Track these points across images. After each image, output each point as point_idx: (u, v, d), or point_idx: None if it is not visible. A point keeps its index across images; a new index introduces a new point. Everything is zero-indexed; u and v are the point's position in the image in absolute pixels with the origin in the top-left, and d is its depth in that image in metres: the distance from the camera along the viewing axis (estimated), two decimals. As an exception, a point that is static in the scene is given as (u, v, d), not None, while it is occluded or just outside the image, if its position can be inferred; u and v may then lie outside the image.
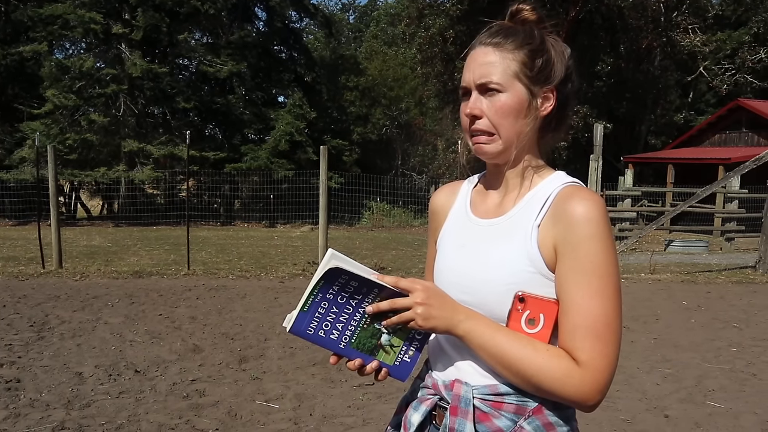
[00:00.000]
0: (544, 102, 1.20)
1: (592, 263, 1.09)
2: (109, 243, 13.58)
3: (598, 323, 1.08)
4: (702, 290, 8.83)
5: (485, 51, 1.19)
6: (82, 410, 3.89)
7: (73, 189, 22.62)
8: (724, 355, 5.48)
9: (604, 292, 1.09)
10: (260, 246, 13.50)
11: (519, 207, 1.20)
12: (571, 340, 1.09)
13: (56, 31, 19.71)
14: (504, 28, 1.22)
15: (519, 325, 1.13)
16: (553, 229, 1.13)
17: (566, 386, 1.07)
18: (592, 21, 24.51)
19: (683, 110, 31.27)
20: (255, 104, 23.09)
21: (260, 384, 4.47)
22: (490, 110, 1.17)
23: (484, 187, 1.31)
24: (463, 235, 1.27)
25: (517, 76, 1.17)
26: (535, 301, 1.13)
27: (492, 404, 1.15)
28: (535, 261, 1.13)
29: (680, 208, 11.18)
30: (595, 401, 1.09)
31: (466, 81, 1.20)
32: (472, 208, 1.30)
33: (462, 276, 1.21)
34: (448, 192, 1.39)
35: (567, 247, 1.10)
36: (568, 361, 1.08)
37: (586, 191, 1.14)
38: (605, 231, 1.10)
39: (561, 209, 1.13)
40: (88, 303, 7.00)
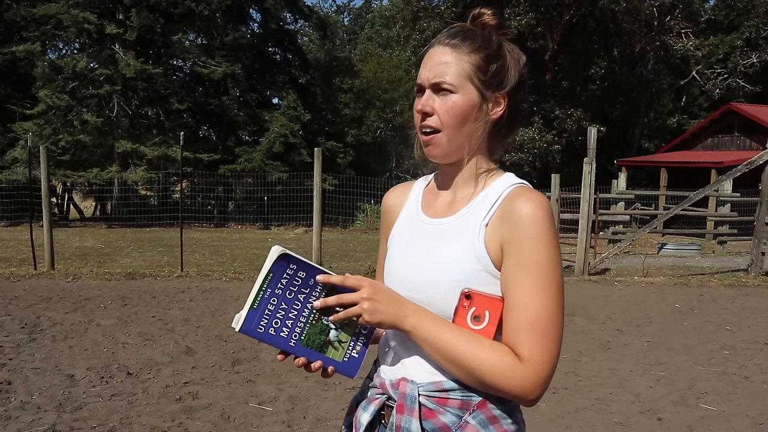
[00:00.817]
0: (494, 106, 1.22)
1: (536, 262, 1.12)
2: (101, 244, 13.52)
3: (541, 320, 1.11)
4: (695, 293, 8.86)
5: (443, 51, 1.21)
6: (74, 413, 3.86)
7: (66, 190, 22.49)
8: (717, 358, 5.50)
9: (546, 289, 1.12)
10: (254, 248, 13.47)
11: (469, 207, 1.23)
12: (514, 335, 1.12)
13: (49, 31, 19.60)
14: (463, 30, 1.24)
15: (465, 321, 1.16)
16: (500, 228, 1.16)
17: (508, 380, 1.10)
18: (586, 24, 24.61)
19: (676, 114, 31.43)
20: (249, 106, 23.03)
21: (253, 386, 4.45)
22: (441, 108, 1.20)
23: (437, 187, 1.34)
24: (413, 233, 1.30)
25: (471, 79, 1.19)
26: (481, 299, 1.16)
27: (437, 401, 1.17)
28: (482, 259, 1.16)
29: (673, 212, 11.21)
30: (536, 395, 1.12)
31: (421, 78, 1.23)
32: (423, 208, 1.33)
33: (410, 273, 1.24)
34: (400, 192, 1.42)
35: (512, 245, 1.14)
36: (511, 356, 1.11)
37: (533, 192, 1.18)
38: (549, 231, 1.14)
39: (508, 209, 1.16)
40: (81, 305, 6.97)
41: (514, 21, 21.18)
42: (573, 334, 6.23)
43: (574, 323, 6.73)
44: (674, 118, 31.08)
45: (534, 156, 21.80)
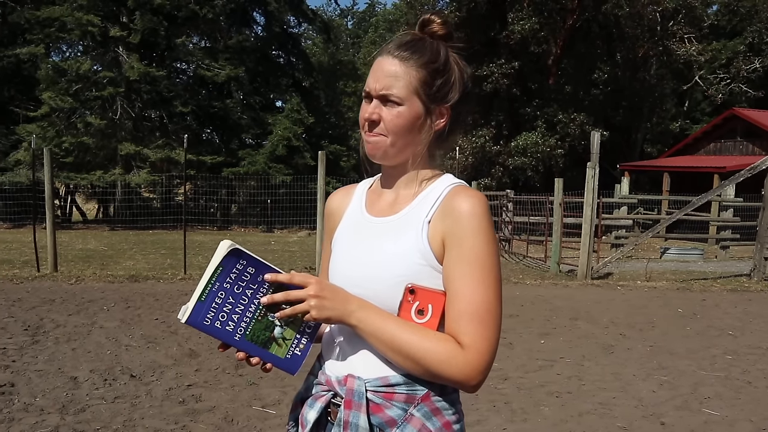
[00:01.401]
0: (438, 118, 1.27)
1: (476, 255, 1.18)
2: (104, 247, 13.54)
3: (481, 309, 1.17)
4: (697, 298, 8.85)
5: (392, 62, 1.24)
6: (77, 415, 3.87)
7: (69, 192, 22.55)
8: (720, 363, 5.49)
9: (485, 280, 1.18)
10: (257, 251, 13.40)
11: (412, 206, 1.28)
12: (456, 325, 1.17)
13: (53, 33, 19.69)
14: (413, 41, 1.27)
15: (409, 315, 1.20)
16: (441, 224, 1.22)
17: (451, 367, 1.14)
18: (589, 29, 24.62)
19: (679, 119, 31.42)
20: (253, 109, 23.09)
21: (257, 389, 4.46)
22: (387, 117, 1.24)
23: (379, 189, 1.38)
24: (357, 232, 1.33)
25: (417, 93, 1.23)
26: (424, 293, 1.20)
27: (384, 395, 1.20)
28: (426, 254, 1.21)
29: (676, 216, 11.21)
30: (477, 381, 1.16)
31: (369, 86, 1.26)
32: (367, 208, 1.37)
33: (356, 270, 1.27)
34: (343, 194, 1.46)
35: (453, 239, 1.20)
36: (453, 344, 1.16)
37: (471, 190, 1.24)
38: (488, 225, 1.20)
39: (449, 206, 1.22)
40: (84, 307, 6.98)
41: (518, 26, 21.20)
42: (576, 338, 6.23)
43: (577, 327, 6.73)
44: (677, 122, 31.07)
45: (537, 160, 21.79)
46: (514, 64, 21.54)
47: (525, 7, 21.64)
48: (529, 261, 12.81)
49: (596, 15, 23.58)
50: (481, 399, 4.37)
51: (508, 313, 7.42)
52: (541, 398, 4.44)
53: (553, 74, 23.69)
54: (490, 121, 23.29)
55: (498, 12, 22.69)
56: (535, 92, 23.62)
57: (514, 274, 10.90)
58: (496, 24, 22.72)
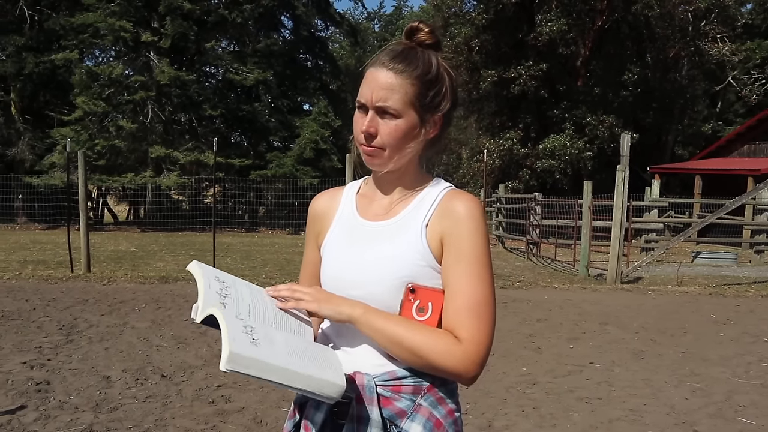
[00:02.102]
0: (431, 126, 1.32)
1: (474, 254, 1.25)
2: (135, 248, 13.76)
3: (478, 304, 1.23)
4: (731, 303, 8.67)
5: (387, 75, 1.26)
6: (110, 413, 3.94)
7: (101, 194, 22.98)
8: (755, 371, 5.38)
9: (482, 278, 1.25)
10: (284, 253, 13.58)
11: (408, 210, 1.33)
12: (454, 319, 1.23)
13: (87, 39, 20.08)
14: (405, 51, 1.29)
15: (410, 313, 1.26)
16: (439, 226, 1.28)
17: (450, 359, 1.20)
18: (618, 30, 24.32)
19: (711, 120, 30.86)
20: (280, 112, 23.27)
21: (285, 391, 4.46)
22: (384, 130, 1.28)
23: (371, 193, 1.41)
24: (352, 236, 1.36)
25: (413, 105, 1.27)
26: (424, 292, 1.26)
27: (392, 389, 1.25)
28: (426, 255, 1.27)
29: (708, 220, 11.01)
30: (475, 373, 1.23)
31: (365, 98, 1.28)
32: (359, 212, 1.39)
33: (354, 272, 1.31)
34: (329, 197, 1.48)
35: (452, 239, 1.26)
36: (451, 338, 1.22)
37: (466, 194, 1.32)
38: (483, 227, 1.28)
39: (447, 208, 1.29)
40: (116, 307, 7.10)
41: (546, 27, 21.04)
42: (606, 344, 6.15)
43: (606, 332, 6.65)
44: (709, 124, 30.51)
45: (565, 163, 21.58)
46: (542, 66, 21.36)
47: (553, 9, 21.46)
48: (557, 265, 12.69)
49: (626, 16, 23.27)
50: (510, 404, 4.35)
51: (537, 317, 7.36)
52: (571, 404, 4.40)
53: (581, 76, 23.44)
54: (518, 124, 23.14)
55: (526, 14, 22.54)
56: (564, 94, 23.40)
57: (542, 277, 10.81)
58: (523, 26, 22.57)
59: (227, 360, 1.05)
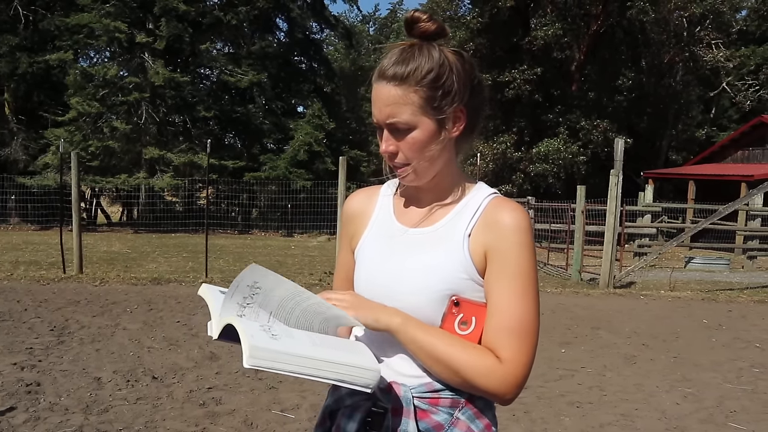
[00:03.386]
0: (454, 122, 1.22)
1: (519, 269, 1.18)
2: (128, 249, 13.71)
3: (521, 324, 1.17)
4: (723, 309, 8.70)
5: (388, 89, 1.18)
6: (100, 415, 3.92)
7: (94, 195, 22.89)
8: (746, 376, 5.40)
9: (527, 295, 1.18)
10: (277, 255, 13.56)
11: (449, 217, 1.25)
12: (495, 339, 1.17)
13: (82, 39, 20.03)
14: (404, 56, 1.19)
15: (452, 326, 1.19)
16: (483, 237, 1.20)
17: (490, 380, 1.15)
18: (613, 35, 24.44)
19: (705, 126, 31.00)
20: (274, 114, 23.25)
21: (276, 393, 4.47)
22: (404, 146, 1.20)
23: (408, 196, 1.33)
24: (390, 242, 1.28)
25: (424, 111, 1.18)
26: (468, 305, 1.19)
27: (429, 401, 1.20)
28: (468, 268, 1.20)
29: (702, 225, 11.05)
30: (513, 395, 1.17)
31: (375, 118, 1.22)
32: (397, 216, 1.32)
33: (394, 282, 1.23)
34: (365, 197, 1.40)
35: (497, 253, 1.18)
36: (492, 358, 1.16)
37: (513, 202, 1.23)
38: (530, 240, 1.20)
39: (492, 219, 1.20)
40: (107, 308, 7.07)
41: (540, 31, 21.11)
42: (598, 348, 6.16)
43: (598, 337, 6.66)
44: (703, 130, 30.65)
45: (559, 167, 21.65)
46: (537, 70, 21.44)
47: (548, 13, 21.57)
48: (550, 269, 12.71)
49: (621, 21, 23.42)
50: (500, 408, 4.33)
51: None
52: (562, 408, 4.40)
53: (576, 80, 23.54)
54: (512, 128, 23.21)
55: (521, 18, 22.62)
56: (558, 98, 23.49)
57: (536, 281, 10.81)
58: (518, 30, 22.66)
59: (249, 355, 1.00)
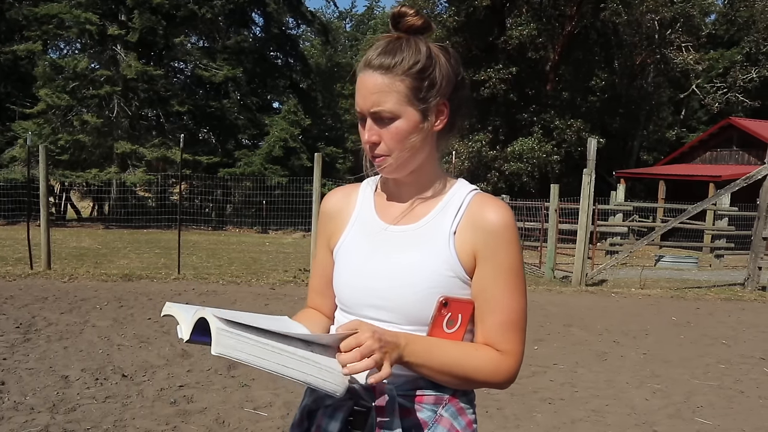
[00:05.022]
0: (437, 116, 1.22)
1: (510, 266, 1.21)
2: (98, 245, 13.49)
3: (518, 317, 1.22)
4: (691, 306, 8.86)
5: (374, 78, 1.18)
6: (67, 414, 3.84)
7: (64, 190, 22.45)
8: (713, 372, 5.50)
9: (519, 289, 1.22)
10: (251, 252, 13.45)
11: (432, 215, 1.25)
12: (496, 334, 1.21)
13: (51, 30, 19.61)
14: (390, 47, 1.19)
15: (441, 327, 1.20)
16: (471, 236, 1.21)
17: (497, 376, 1.20)
18: (587, 36, 24.71)
19: (675, 127, 31.53)
20: (250, 109, 23.06)
21: (249, 391, 4.43)
22: (386, 136, 1.20)
23: (388, 193, 1.32)
24: (372, 241, 1.27)
25: (409, 101, 1.18)
26: (456, 304, 1.21)
27: (413, 399, 1.21)
28: (454, 266, 1.20)
29: (671, 224, 11.22)
30: (512, 382, 1.24)
31: (359, 107, 1.21)
32: (378, 214, 1.30)
33: (379, 282, 1.22)
34: (343, 195, 1.38)
35: (487, 252, 1.20)
36: (495, 354, 1.20)
37: (496, 199, 1.25)
38: (517, 236, 1.23)
39: (478, 217, 1.21)
40: (76, 305, 6.94)
41: (516, 31, 21.25)
42: (570, 345, 6.22)
43: (571, 334, 6.72)
44: (673, 131, 31.18)
45: (533, 166, 21.83)
46: (512, 69, 21.59)
47: (524, 13, 21.72)
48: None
49: (594, 22, 23.68)
50: (474, 404, 4.36)
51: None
52: (534, 405, 4.43)
53: (550, 80, 23.75)
54: (487, 126, 23.34)
55: (496, 17, 22.75)
56: (533, 98, 23.68)
57: (509, 279, 10.89)
58: (494, 29, 22.78)
59: (216, 338, 0.99)
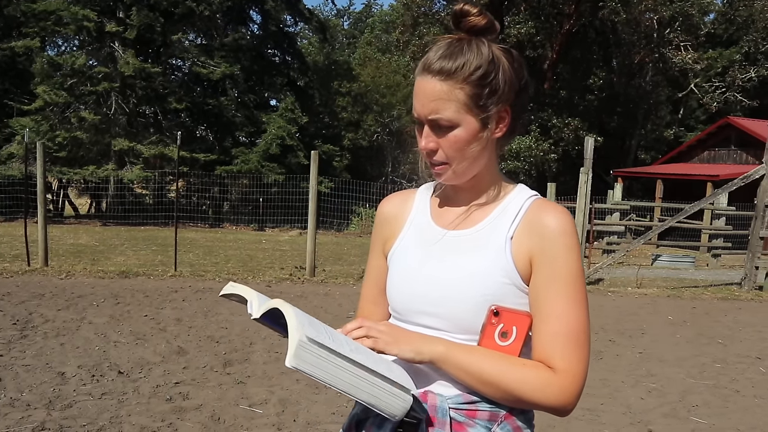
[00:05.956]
0: (498, 123, 1.18)
1: (569, 274, 1.13)
2: (96, 242, 13.48)
3: (577, 331, 1.12)
4: (688, 306, 8.88)
5: (433, 84, 1.14)
6: (64, 411, 3.84)
7: (62, 187, 22.42)
8: (709, 371, 5.51)
9: (578, 300, 1.13)
10: (248, 249, 13.45)
11: (489, 220, 1.21)
12: (550, 348, 1.11)
13: (49, 27, 19.56)
14: (451, 51, 1.15)
15: (492, 338, 1.14)
16: (528, 241, 1.15)
17: (547, 395, 1.09)
18: (585, 35, 24.73)
19: (673, 126, 31.58)
20: (247, 107, 23.04)
21: (244, 388, 4.44)
22: (445, 144, 1.16)
23: (445, 198, 1.29)
24: (427, 246, 1.24)
25: (469, 110, 1.14)
26: (508, 314, 1.14)
27: (466, 413, 1.14)
28: (510, 273, 1.15)
29: (668, 224, 11.24)
30: (573, 406, 1.11)
31: (417, 112, 1.17)
32: (434, 219, 1.27)
33: (432, 288, 1.19)
34: (400, 200, 1.35)
35: (544, 258, 1.14)
36: (546, 371, 1.10)
37: (555, 205, 1.19)
38: (577, 243, 1.16)
39: (535, 222, 1.16)
40: (73, 302, 6.94)
41: (514, 29, 21.24)
42: (565, 344, 6.23)
43: (566, 332, 6.73)
44: (671, 130, 31.22)
45: (530, 164, 21.86)
46: (510, 68, 21.59)
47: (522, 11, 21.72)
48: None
49: (593, 21, 23.69)
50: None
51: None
52: (530, 403, 4.43)
53: (548, 79, 23.75)
54: (485, 125, 23.35)
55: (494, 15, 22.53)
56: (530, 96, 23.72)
57: (506, 277, 10.90)
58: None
59: (295, 351, 0.98)
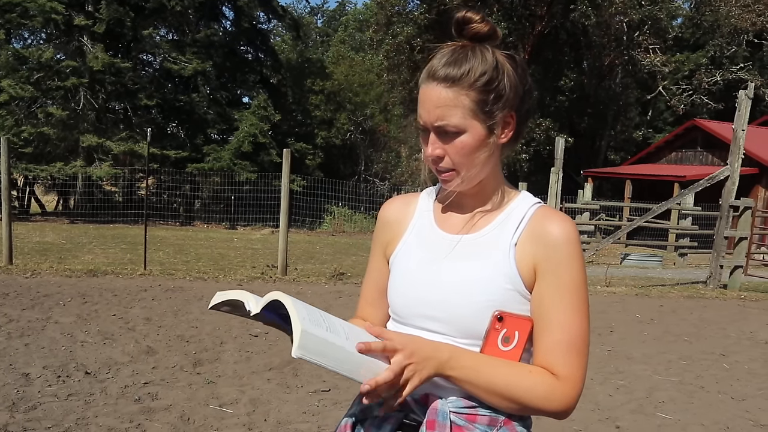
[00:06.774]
0: (504, 128, 1.19)
1: (573, 282, 1.14)
2: (63, 240, 13.22)
3: (578, 339, 1.14)
4: (655, 304, 9.03)
5: (438, 91, 1.14)
6: (28, 413, 3.76)
7: (28, 183, 21.96)
8: (675, 368, 5.61)
9: (581, 309, 1.15)
10: (219, 248, 13.32)
11: (493, 225, 1.21)
12: (552, 355, 1.13)
13: (15, 19, 19.11)
14: (456, 58, 1.15)
15: (495, 343, 1.15)
16: (532, 249, 1.16)
17: (551, 402, 1.11)
18: (557, 36, 24.99)
19: (642, 127, 32.11)
20: (219, 104, 22.81)
21: (214, 388, 4.39)
22: (451, 150, 1.16)
23: (449, 203, 1.28)
24: (429, 250, 1.23)
25: (475, 115, 1.14)
26: (512, 320, 1.15)
27: (467, 417, 1.14)
28: (513, 279, 1.15)
29: (636, 223, 11.42)
30: (571, 410, 1.15)
31: (423, 119, 1.17)
32: (438, 223, 1.27)
33: (434, 292, 1.19)
34: (403, 203, 1.35)
35: (548, 266, 1.14)
36: (550, 378, 1.12)
37: (559, 213, 1.20)
38: (581, 252, 1.17)
39: (540, 230, 1.16)
40: (39, 301, 6.80)
41: (487, 30, 21.38)
42: (536, 342, 6.29)
43: (537, 331, 6.80)
44: (640, 131, 31.74)
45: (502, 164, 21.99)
46: (483, 68, 21.71)
47: (494, 12, 21.84)
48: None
49: (564, 23, 23.95)
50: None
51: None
52: (500, 400, 4.47)
53: (520, 79, 23.94)
54: (458, 124, 23.45)
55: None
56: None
57: (478, 276, 10.97)
58: (465, 27, 22.88)
59: (300, 341, 0.96)
